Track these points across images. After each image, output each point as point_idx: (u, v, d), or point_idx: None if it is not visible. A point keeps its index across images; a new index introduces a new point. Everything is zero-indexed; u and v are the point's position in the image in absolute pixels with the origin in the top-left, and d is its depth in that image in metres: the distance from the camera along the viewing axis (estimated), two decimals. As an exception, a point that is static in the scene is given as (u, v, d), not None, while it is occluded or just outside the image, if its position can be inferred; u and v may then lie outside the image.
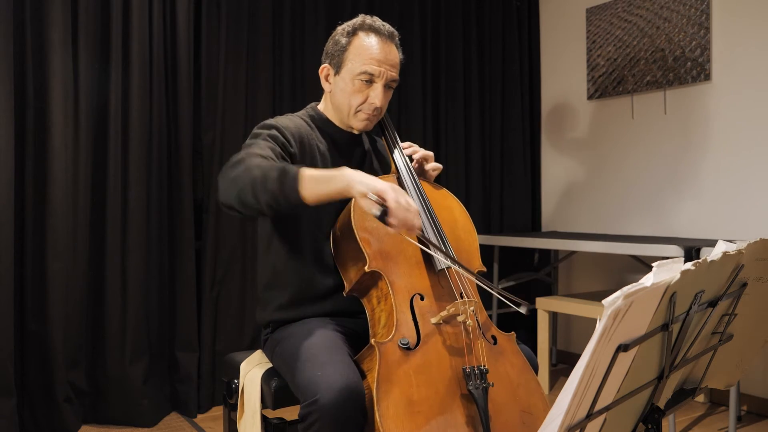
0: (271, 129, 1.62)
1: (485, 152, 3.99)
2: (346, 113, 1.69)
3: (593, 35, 3.76)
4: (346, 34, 1.67)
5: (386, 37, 1.66)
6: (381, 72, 1.63)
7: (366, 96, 1.66)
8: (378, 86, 1.64)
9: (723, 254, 1.10)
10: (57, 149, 2.68)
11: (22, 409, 2.66)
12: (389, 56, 1.65)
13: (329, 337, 1.54)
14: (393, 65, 1.66)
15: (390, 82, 1.67)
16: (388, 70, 1.65)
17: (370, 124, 1.71)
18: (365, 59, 1.63)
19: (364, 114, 1.68)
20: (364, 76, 1.63)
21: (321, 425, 1.33)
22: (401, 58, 1.72)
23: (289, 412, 1.62)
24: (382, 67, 1.64)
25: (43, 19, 2.67)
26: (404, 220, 1.34)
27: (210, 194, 3.09)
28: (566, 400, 0.86)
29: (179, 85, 3.00)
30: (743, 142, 3.09)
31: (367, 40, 1.65)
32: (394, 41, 1.69)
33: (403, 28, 3.64)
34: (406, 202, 1.35)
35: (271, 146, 1.54)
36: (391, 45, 1.67)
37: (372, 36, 1.65)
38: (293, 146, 1.62)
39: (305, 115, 1.76)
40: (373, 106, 1.66)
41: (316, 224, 1.67)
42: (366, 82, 1.64)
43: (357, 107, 1.67)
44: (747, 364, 1.47)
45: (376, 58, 1.63)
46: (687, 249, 2.61)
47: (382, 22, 1.70)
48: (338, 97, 1.69)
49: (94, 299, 2.86)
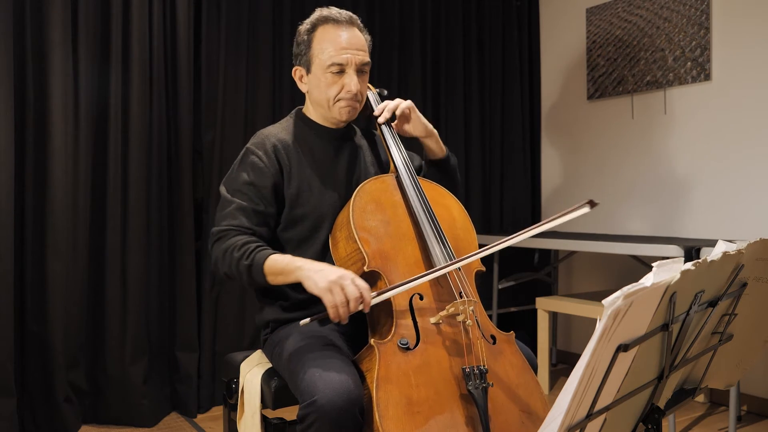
0: (247, 186, 1.64)
1: (485, 152, 3.99)
2: (327, 107, 1.71)
3: (593, 35, 3.76)
4: (306, 33, 1.70)
5: (346, 23, 1.68)
6: (348, 59, 1.65)
7: (341, 85, 1.67)
8: (350, 73, 1.66)
9: (723, 254, 1.10)
10: (57, 149, 2.68)
11: (22, 410, 2.66)
12: (352, 41, 1.66)
13: (328, 337, 1.54)
14: (359, 48, 1.67)
15: (362, 66, 1.68)
16: (355, 55, 1.66)
17: (354, 111, 1.72)
18: (330, 51, 1.64)
19: (344, 102, 1.68)
20: (334, 67, 1.65)
21: (320, 426, 1.32)
22: (368, 39, 1.73)
23: (289, 412, 1.62)
24: (348, 53, 1.65)
25: (43, 20, 2.67)
26: (336, 318, 1.42)
27: (210, 194, 3.09)
28: (566, 400, 0.86)
29: (179, 85, 3.00)
30: (743, 142, 3.08)
31: (328, 32, 1.66)
32: (355, 24, 1.70)
33: (403, 28, 3.65)
34: (342, 302, 1.40)
35: (245, 212, 1.62)
36: (352, 29, 1.68)
37: (330, 26, 1.67)
38: (269, 185, 1.64)
39: (290, 122, 1.78)
40: (350, 93, 1.67)
41: (316, 224, 1.67)
42: (337, 73, 1.65)
43: (335, 98, 1.68)
44: (747, 364, 1.46)
45: (340, 47, 1.64)
46: (687, 249, 2.61)
47: (338, 9, 1.71)
48: (315, 93, 1.71)
49: (94, 299, 2.86)
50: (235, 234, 1.60)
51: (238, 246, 1.57)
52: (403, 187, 1.67)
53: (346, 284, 1.41)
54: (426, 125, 1.81)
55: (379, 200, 1.63)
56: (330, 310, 1.42)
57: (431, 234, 1.59)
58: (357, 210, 1.58)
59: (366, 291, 1.42)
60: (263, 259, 1.53)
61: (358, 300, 1.41)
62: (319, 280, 1.44)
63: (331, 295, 1.41)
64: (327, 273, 1.44)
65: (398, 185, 1.69)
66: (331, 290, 1.41)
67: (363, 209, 1.60)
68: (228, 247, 1.58)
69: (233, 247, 1.57)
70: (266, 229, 1.66)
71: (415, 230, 1.62)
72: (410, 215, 1.64)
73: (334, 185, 1.71)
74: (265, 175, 1.65)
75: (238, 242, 1.57)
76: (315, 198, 1.68)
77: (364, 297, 1.42)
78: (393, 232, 1.60)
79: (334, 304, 1.41)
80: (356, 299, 1.41)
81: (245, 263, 1.54)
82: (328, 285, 1.42)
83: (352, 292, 1.41)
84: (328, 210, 1.68)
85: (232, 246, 1.57)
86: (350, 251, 1.57)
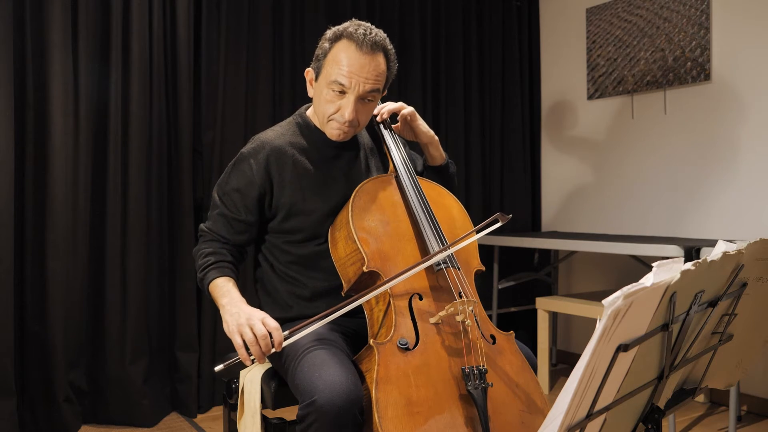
0: (234, 192, 1.68)
1: (485, 152, 3.99)
2: (322, 121, 1.67)
3: (593, 35, 3.76)
4: (328, 40, 1.61)
5: (367, 48, 1.56)
6: (352, 84, 1.56)
7: (338, 106, 1.60)
8: (350, 98, 1.58)
9: (723, 254, 1.10)
10: (57, 149, 2.68)
11: (22, 409, 2.66)
12: (366, 68, 1.57)
13: (328, 337, 1.54)
14: (369, 78, 1.57)
15: (368, 95, 1.59)
16: (362, 83, 1.57)
17: (343, 135, 1.65)
18: (338, 69, 1.57)
19: (336, 123, 1.63)
20: (336, 86, 1.58)
21: (319, 426, 1.32)
22: (393, 67, 1.65)
23: (289, 412, 1.62)
24: (354, 78, 1.56)
25: (43, 20, 2.67)
26: (246, 360, 1.46)
27: (210, 194, 3.08)
28: (566, 400, 0.86)
29: (179, 85, 3.00)
30: (743, 142, 3.08)
31: (345, 49, 1.57)
32: (379, 51, 1.59)
33: (404, 28, 3.65)
34: (251, 341, 1.43)
35: (225, 219, 1.69)
36: (371, 56, 1.57)
37: (351, 45, 1.57)
38: (255, 195, 1.67)
39: (292, 123, 1.75)
40: (342, 117, 1.60)
41: (315, 224, 1.67)
42: (338, 92, 1.59)
43: (329, 116, 1.63)
44: (747, 364, 1.46)
45: (349, 70, 1.56)
46: (687, 249, 2.61)
47: (368, 30, 1.59)
48: (316, 103, 1.67)
49: (94, 299, 2.86)
50: (209, 239, 1.71)
51: (204, 254, 1.67)
52: (403, 186, 1.67)
53: (254, 323, 1.44)
54: (427, 132, 1.80)
55: (378, 200, 1.63)
56: (238, 351, 1.45)
57: (430, 234, 1.59)
58: (356, 210, 1.58)
59: (275, 330, 1.45)
60: (209, 280, 1.63)
61: (265, 338, 1.43)
62: (230, 322, 1.49)
63: (239, 337, 1.45)
64: (239, 315, 1.48)
65: (397, 185, 1.69)
66: (240, 332, 1.45)
67: (362, 209, 1.60)
68: (199, 249, 1.70)
69: (201, 253, 1.68)
70: (246, 236, 1.71)
71: (415, 230, 1.62)
72: (409, 215, 1.64)
73: (331, 197, 1.68)
74: (253, 185, 1.66)
75: (206, 250, 1.68)
76: (309, 209, 1.67)
77: (273, 336, 1.44)
78: (392, 232, 1.60)
79: (241, 345, 1.44)
80: (263, 336, 1.43)
81: (200, 275, 1.66)
82: (236, 327, 1.46)
83: (259, 330, 1.43)
84: (327, 210, 1.67)
85: (201, 251, 1.69)
86: (349, 251, 1.57)
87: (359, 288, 1.57)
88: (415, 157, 1.88)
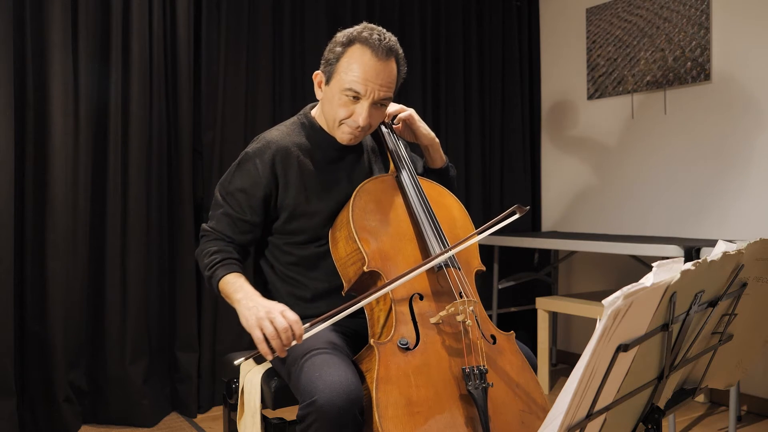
0: (239, 192, 1.65)
1: (485, 152, 3.99)
2: (331, 125, 1.66)
3: (593, 35, 3.76)
4: (341, 44, 1.59)
5: (382, 53, 1.56)
6: (368, 91, 1.56)
7: (351, 112, 1.59)
8: (364, 104, 1.57)
9: (723, 254, 1.10)
10: (57, 149, 2.68)
11: (22, 409, 2.66)
12: (381, 75, 1.56)
13: (328, 337, 1.54)
14: (384, 84, 1.57)
15: (381, 101, 1.59)
16: (377, 90, 1.56)
17: (354, 139, 1.64)
18: (354, 76, 1.55)
19: (348, 128, 1.62)
20: (350, 92, 1.56)
21: (319, 426, 1.33)
22: (403, 71, 1.65)
23: (289, 412, 1.62)
24: (369, 86, 1.55)
25: (43, 20, 2.67)
26: (267, 354, 1.45)
27: (210, 194, 3.08)
28: (566, 400, 0.86)
29: (179, 85, 3.00)
30: (743, 142, 3.08)
31: (361, 55, 1.55)
32: (393, 56, 1.59)
33: (404, 28, 3.64)
34: (272, 335, 1.42)
35: (230, 219, 1.66)
36: (386, 62, 1.57)
37: (367, 52, 1.55)
38: (261, 195, 1.65)
39: (297, 124, 1.74)
40: (356, 123, 1.59)
41: (317, 226, 1.67)
42: (352, 98, 1.57)
43: (341, 120, 1.62)
44: (747, 364, 1.46)
45: (364, 77, 1.55)
46: (687, 249, 2.61)
47: (382, 36, 1.58)
48: (326, 107, 1.65)
49: (94, 299, 2.86)
50: (213, 238, 1.67)
51: (210, 252, 1.64)
52: (403, 186, 1.67)
53: (274, 317, 1.43)
54: (427, 134, 1.79)
55: (378, 200, 1.63)
56: (258, 346, 1.44)
57: (431, 234, 1.59)
58: (357, 210, 1.58)
59: (296, 323, 1.43)
60: (219, 278, 1.60)
61: (286, 330, 1.42)
62: (249, 317, 1.48)
63: (259, 331, 1.44)
64: (257, 309, 1.47)
65: (398, 185, 1.69)
66: (260, 326, 1.44)
67: (363, 209, 1.60)
68: (203, 249, 1.67)
69: (207, 252, 1.65)
70: (250, 236, 1.69)
71: (415, 230, 1.62)
72: (410, 215, 1.64)
73: (334, 199, 1.68)
74: (259, 185, 1.64)
75: (211, 248, 1.65)
76: (312, 211, 1.66)
77: (294, 329, 1.43)
78: (393, 231, 1.60)
79: (262, 340, 1.43)
80: (285, 329, 1.42)
81: (207, 273, 1.63)
82: (256, 321, 1.45)
83: (280, 324, 1.42)
84: (327, 210, 1.67)
85: (206, 250, 1.65)
86: (350, 251, 1.57)
87: (359, 288, 1.57)
88: (415, 159, 1.88)
